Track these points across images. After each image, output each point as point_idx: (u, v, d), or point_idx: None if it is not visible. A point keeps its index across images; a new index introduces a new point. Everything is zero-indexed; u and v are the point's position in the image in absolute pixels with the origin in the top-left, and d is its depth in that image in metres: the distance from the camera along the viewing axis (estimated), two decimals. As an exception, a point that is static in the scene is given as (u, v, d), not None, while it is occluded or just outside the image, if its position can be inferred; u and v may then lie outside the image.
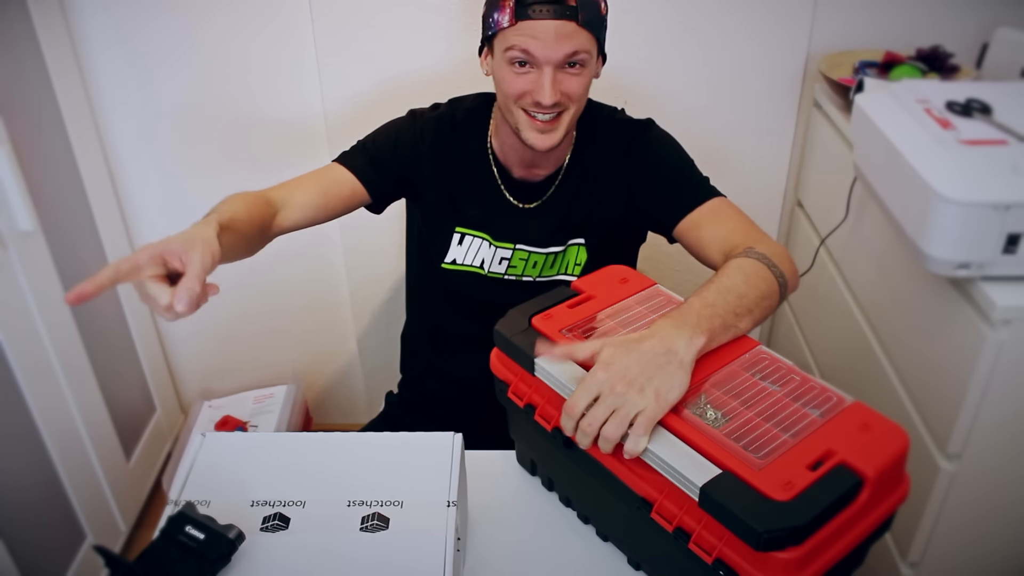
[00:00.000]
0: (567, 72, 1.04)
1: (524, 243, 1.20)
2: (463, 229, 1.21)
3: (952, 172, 0.91)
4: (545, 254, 1.20)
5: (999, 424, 0.99)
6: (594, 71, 1.10)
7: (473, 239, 1.20)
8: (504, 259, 1.20)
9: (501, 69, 1.07)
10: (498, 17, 1.03)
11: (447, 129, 1.19)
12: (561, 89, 1.04)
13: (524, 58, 1.03)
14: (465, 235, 1.21)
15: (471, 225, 1.20)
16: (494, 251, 1.20)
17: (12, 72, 1.42)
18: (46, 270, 1.47)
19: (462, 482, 0.79)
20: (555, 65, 1.03)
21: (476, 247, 1.21)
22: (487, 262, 1.21)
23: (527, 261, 1.20)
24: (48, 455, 1.45)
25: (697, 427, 0.69)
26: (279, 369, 1.95)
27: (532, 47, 1.01)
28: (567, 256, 1.20)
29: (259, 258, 1.85)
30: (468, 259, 1.21)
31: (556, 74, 1.03)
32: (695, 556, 0.66)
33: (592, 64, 1.08)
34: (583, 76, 1.06)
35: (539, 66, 1.03)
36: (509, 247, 1.20)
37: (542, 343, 0.81)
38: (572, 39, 1.02)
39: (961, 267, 0.94)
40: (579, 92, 1.07)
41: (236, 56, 1.61)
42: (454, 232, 1.21)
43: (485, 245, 1.20)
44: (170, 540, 0.68)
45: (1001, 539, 1.09)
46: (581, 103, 1.09)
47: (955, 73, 1.40)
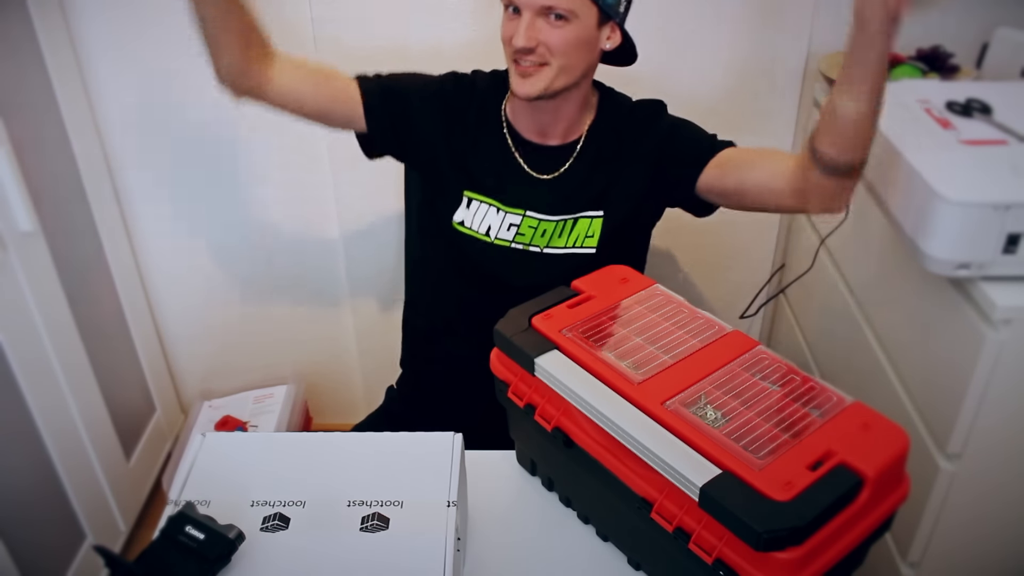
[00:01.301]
0: (549, 22, 1.05)
1: (534, 210, 1.19)
2: (472, 193, 1.20)
3: (952, 172, 0.91)
4: (555, 222, 1.19)
5: (999, 424, 0.99)
6: (590, 36, 1.09)
7: (480, 204, 1.20)
8: (513, 225, 1.19)
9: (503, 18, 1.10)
10: None
11: (467, 91, 1.21)
12: (540, 38, 1.05)
13: (511, 5, 1.06)
14: (473, 200, 1.20)
15: (481, 191, 1.20)
16: (502, 217, 1.19)
17: (12, 73, 1.42)
18: (46, 270, 1.47)
19: (462, 482, 0.79)
20: (534, 11, 1.04)
21: (483, 213, 1.20)
22: (494, 229, 1.20)
23: (536, 229, 1.19)
24: (48, 455, 1.45)
25: (697, 427, 0.69)
26: (279, 369, 1.95)
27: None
28: (577, 228, 1.19)
29: (259, 258, 1.86)
30: (475, 224, 1.20)
31: (535, 20, 1.05)
32: (695, 556, 0.66)
33: (583, 26, 1.07)
34: (565, 31, 1.06)
35: (521, 11, 1.05)
36: (519, 213, 1.19)
37: None
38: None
39: (961, 267, 0.94)
40: (559, 45, 1.06)
41: (236, 56, 1.61)
42: (463, 195, 1.20)
43: (493, 211, 1.19)
44: (170, 540, 0.68)
45: (1001, 539, 1.09)
46: (566, 61, 1.08)
47: (955, 73, 1.40)
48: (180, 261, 1.85)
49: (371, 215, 1.74)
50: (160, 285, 1.88)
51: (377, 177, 1.70)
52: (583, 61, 1.11)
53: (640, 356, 0.79)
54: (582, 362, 0.78)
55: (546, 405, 0.81)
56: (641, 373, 0.76)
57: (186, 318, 1.93)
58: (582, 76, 1.12)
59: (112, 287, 1.74)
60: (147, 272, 1.86)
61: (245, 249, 1.83)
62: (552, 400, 0.80)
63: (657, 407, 0.72)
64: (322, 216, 1.78)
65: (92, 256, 1.67)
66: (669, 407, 0.72)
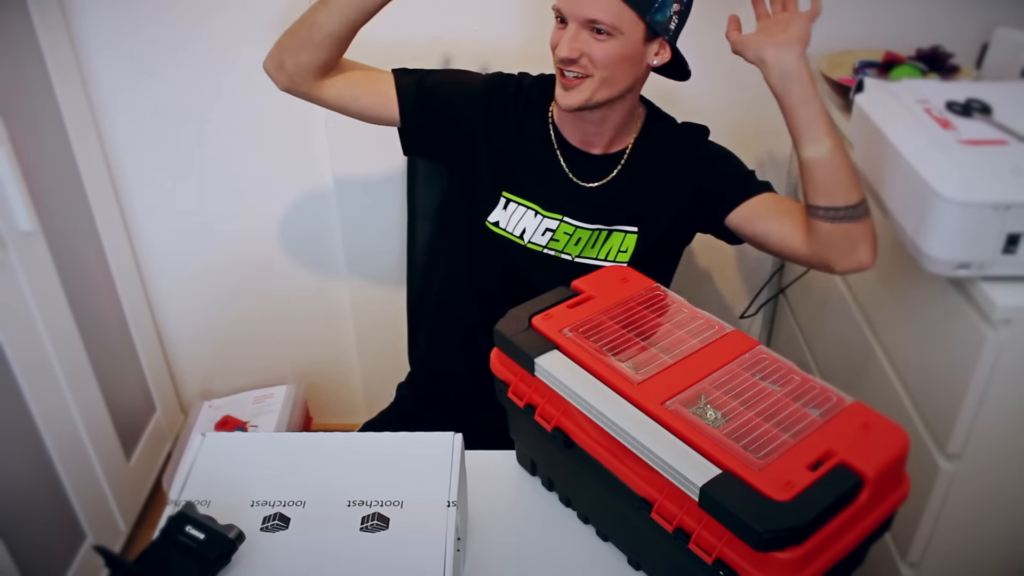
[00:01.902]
0: (593, 36, 1.05)
1: (572, 217, 1.19)
2: (510, 195, 1.19)
3: (952, 172, 0.91)
4: (590, 231, 1.19)
5: (999, 424, 0.99)
6: (635, 51, 1.08)
7: (518, 207, 1.19)
8: (549, 230, 1.19)
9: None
10: None
11: (512, 92, 1.21)
12: (583, 50, 1.06)
13: (559, 15, 1.07)
14: (511, 201, 1.19)
15: (520, 192, 1.19)
16: (540, 221, 1.19)
17: (12, 72, 1.42)
18: (46, 270, 1.47)
19: (462, 482, 0.79)
20: (580, 23, 1.05)
21: (520, 215, 1.19)
22: (528, 232, 1.19)
23: (571, 237, 1.19)
24: (48, 455, 1.45)
25: (697, 427, 0.69)
26: (279, 369, 1.95)
27: (564, 3, 1.06)
28: (611, 241, 1.19)
29: (259, 258, 1.86)
30: (510, 226, 1.20)
31: (580, 32, 1.05)
32: (695, 556, 0.66)
33: (628, 41, 1.07)
34: (608, 45, 1.06)
35: (567, 18, 1.06)
36: (557, 218, 1.19)
37: None
38: (597, 4, 1.03)
39: (961, 267, 0.94)
40: (601, 59, 1.06)
41: (236, 56, 1.61)
42: (501, 196, 1.19)
43: (530, 215, 1.19)
44: (170, 540, 0.68)
45: (1001, 539, 1.09)
46: (609, 75, 1.08)
47: (955, 73, 1.40)
48: (180, 261, 1.85)
49: (372, 215, 1.74)
50: (160, 285, 1.88)
51: (378, 177, 1.70)
52: (628, 75, 1.10)
53: (640, 356, 0.79)
54: (582, 362, 0.78)
55: (546, 405, 0.81)
56: (641, 373, 0.76)
57: (186, 318, 1.93)
58: (627, 90, 1.12)
59: (112, 287, 1.74)
60: (147, 272, 1.86)
61: (245, 249, 1.83)
62: (552, 400, 0.80)
63: (657, 407, 0.72)
64: (322, 216, 1.78)
65: (92, 256, 1.67)
66: (669, 407, 0.72)
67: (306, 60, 1.11)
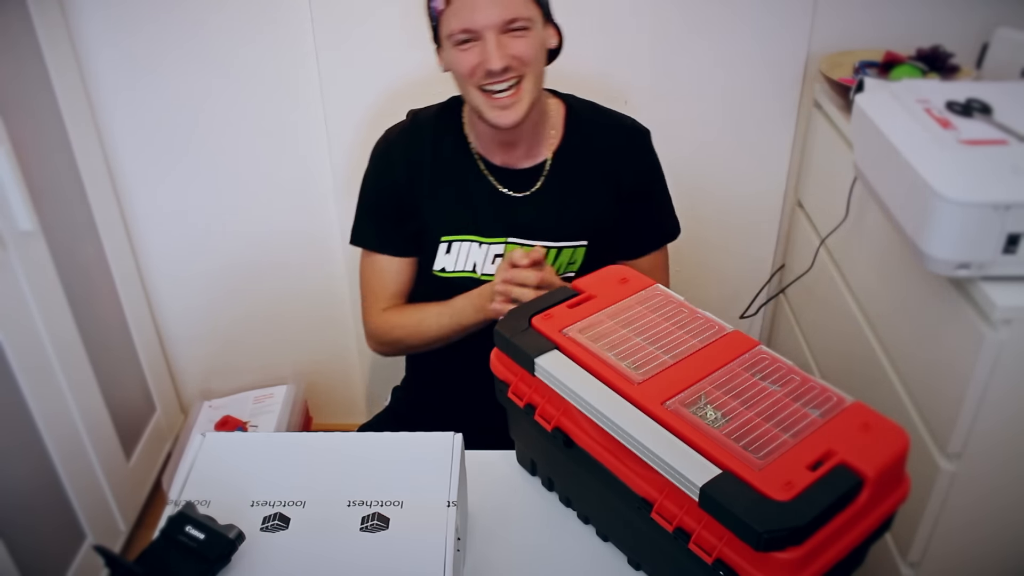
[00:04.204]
0: (512, 35, 1.04)
1: (515, 235, 1.18)
2: (449, 237, 1.19)
3: (952, 172, 0.91)
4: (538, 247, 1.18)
5: (999, 424, 0.99)
6: (543, 39, 1.09)
7: (461, 244, 1.19)
8: (497, 256, 1.19)
9: (452, 56, 1.07)
10: (435, 4, 1.06)
11: (415, 139, 1.19)
12: (510, 53, 1.04)
13: (467, 35, 1.04)
14: (452, 242, 1.19)
15: (457, 230, 1.19)
16: (485, 250, 1.19)
17: (12, 72, 1.42)
18: (46, 270, 1.47)
19: (462, 482, 0.79)
20: (497, 30, 1.03)
21: (465, 251, 1.19)
22: (479, 264, 1.19)
23: None
24: (48, 455, 1.45)
25: (697, 427, 0.69)
26: (279, 369, 1.95)
27: (469, 20, 1.02)
28: (561, 258, 1.19)
29: (259, 258, 1.86)
30: (459, 265, 1.20)
31: (500, 38, 1.03)
32: (695, 556, 0.66)
33: (538, 30, 1.07)
34: (529, 38, 1.05)
35: (482, 36, 1.03)
36: (500, 241, 1.18)
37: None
38: (507, 3, 1.02)
39: (961, 267, 0.94)
40: (529, 55, 1.06)
41: (236, 56, 1.61)
42: (440, 242, 1.19)
43: (475, 247, 1.19)
44: (170, 540, 0.68)
45: (1001, 539, 1.09)
46: (536, 69, 1.08)
47: (955, 73, 1.40)
48: (180, 261, 1.85)
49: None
50: (160, 285, 1.88)
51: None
52: (543, 66, 1.11)
53: (640, 356, 0.79)
54: (582, 362, 0.78)
55: (546, 405, 0.81)
56: (641, 373, 0.76)
57: (186, 318, 1.93)
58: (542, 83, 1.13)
59: (112, 287, 1.74)
60: (147, 272, 1.86)
61: (245, 249, 1.83)
62: (552, 400, 0.80)
63: (657, 407, 0.72)
64: (322, 216, 1.78)
65: (92, 256, 1.67)
66: (669, 407, 0.72)
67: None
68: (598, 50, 1.59)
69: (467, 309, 1.15)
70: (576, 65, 1.61)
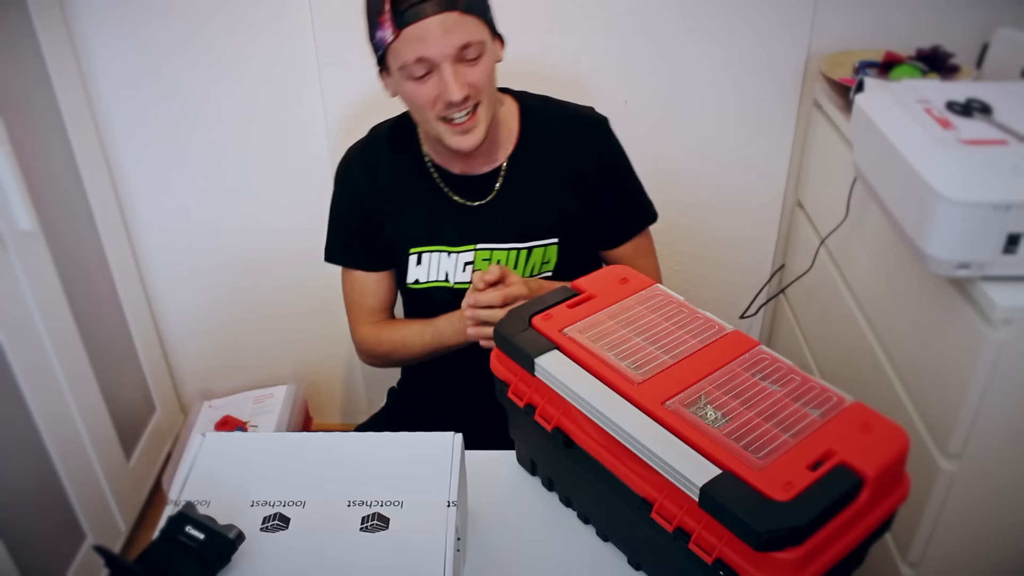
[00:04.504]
0: (466, 64, 1.03)
1: (483, 241, 1.18)
2: (417, 249, 1.19)
3: (952, 172, 0.91)
4: (507, 250, 1.18)
5: (999, 424, 0.99)
6: (494, 55, 1.08)
7: (431, 255, 1.19)
8: (468, 263, 1.18)
9: (404, 86, 1.05)
10: (381, 35, 1.01)
11: (373, 155, 1.19)
12: (467, 81, 1.03)
13: (421, 68, 1.01)
14: (422, 254, 1.19)
15: (424, 242, 1.19)
16: (455, 259, 1.18)
17: (12, 72, 1.42)
18: (46, 270, 1.47)
19: (462, 482, 0.79)
20: (452, 60, 1.01)
21: (436, 261, 1.19)
22: (451, 272, 1.19)
23: (490, 260, 1.18)
24: (48, 455, 1.45)
25: (697, 427, 0.69)
26: (279, 369, 1.95)
27: (423, 50, 0.99)
28: (533, 257, 1.18)
29: (259, 258, 1.86)
30: (431, 275, 1.20)
31: (456, 67, 1.01)
32: (695, 556, 0.66)
33: (490, 49, 1.06)
34: (483, 63, 1.04)
35: (437, 66, 1.01)
36: (469, 249, 1.18)
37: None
38: (459, 29, 1.00)
39: (961, 267, 0.94)
40: (484, 81, 1.05)
41: (236, 56, 1.61)
42: (409, 254, 1.20)
43: (444, 256, 1.19)
44: (170, 540, 0.68)
45: (1001, 539, 1.09)
46: (491, 91, 1.08)
47: (955, 73, 1.40)
48: (180, 261, 1.85)
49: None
50: (160, 285, 1.88)
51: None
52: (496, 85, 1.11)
53: (640, 356, 0.79)
54: (582, 362, 0.78)
55: (546, 405, 0.81)
56: (641, 373, 0.76)
57: (186, 318, 1.93)
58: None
59: (112, 287, 1.74)
60: (147, 272, 1.86)
61: (245, 249, 1.83)
62: (552, 400, 0.80)
63: (657, 407, 0.72)
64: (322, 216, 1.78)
65: (92, 256, 1.67)
66: (669, 407, 0.72)
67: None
68: (598, 50, 1.59)
69: (447, 331, 1.16)
70: (576, 65, 1.61)
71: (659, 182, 1.70)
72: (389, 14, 0.99)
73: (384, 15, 0.99)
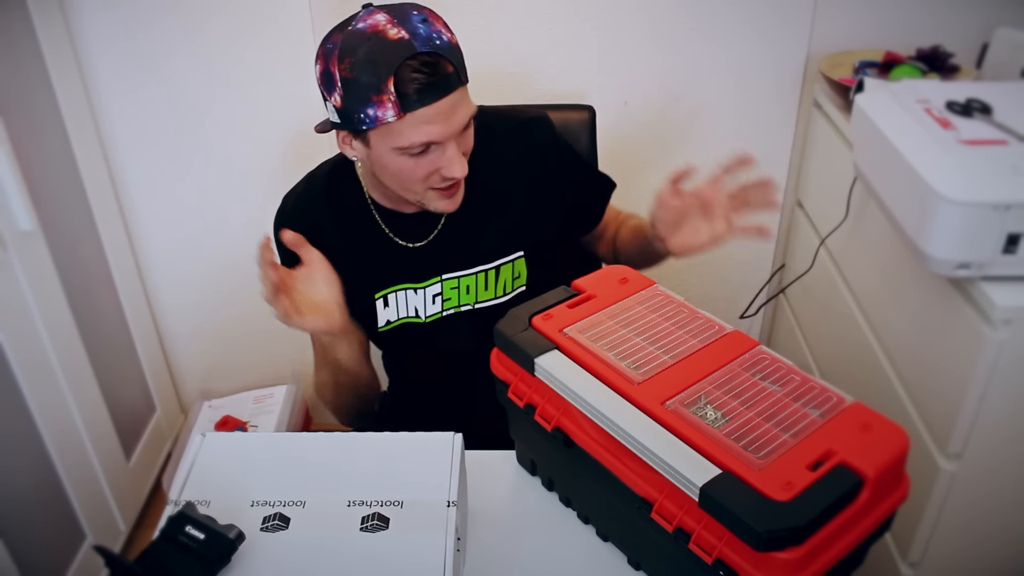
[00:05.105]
0: (463, 133, 0.98)
1: (448, 271, 1.11)
2: (383, 291, 1.12)
3: (952, 172, 0.91)
4: (473, 274, 1.12)
5: (999, 424, 0.99)
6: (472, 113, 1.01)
7: (396, 294, 1.12)
8: (436, 295, 1.12)
9: (390, 159, 0.96)
10: (375, 113, 0.91)
11: (311, 205, 1.11)
12: (463, 151, 0.98)
13: (430, 144, 0.94)
14: (388, 294, 1.12)
15: (387, 283, 1.12)
16: (423, 294, 1.11)
17: (12, 72, 1.42)
18: (46, 270, 1.47)
19: (462, 482, 0.79)
20: (455, 136, 0.96)
21: (403, 299, 1.12)
22: (420, 308, 1.12)
23: (459, 288, 1.12)
24: (48, 455, 1.45)
25: (697, 427, 0.69)
26: (279, 369, 1.95)
27: (432, 134, 0.93)
28: (503, 275, 1.13)
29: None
30: (400, 314, 1.13)
31: (458, 142, 0.97)
32: (695, 556, 0.66)
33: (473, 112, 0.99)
34: (471, 128, 1.00)
35: (439, 144, 0.95)
36: (435, 281, 1.11)
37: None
38: (463, 105, 0.95)
39: (961, 267, 0.94)
40: (471, 144, 1.01)
41: (236, 57, 1.61)
42: (375, 299, 1.12)
43: (411, 292, 1.11)
44: (170, 540, 0.68)
45: (1001, 539, 1.09)
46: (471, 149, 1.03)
47: (955, 73, 1.40)
48: (180, 261, 1.85)
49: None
50: (160, 285, 1.88)
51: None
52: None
53: (640, 356, 0.79)
54: (582, 362, 0.78)
55: (546, 405, 0.81)
56: (641, 373, 0.76)
57: (186, 318, 1.93)
58: None
59: (112, 287, 1.74)
60: (147, 272, 1.86)
61: (245, 249, 1.82)
62: (552, 400, 0.80)
63: (657, 407, 0.72)
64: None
65: (92, 256, 1.67)
66: (669, 407, 0.72)
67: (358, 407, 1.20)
68: (598, 50, 1.59)
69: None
70: (576, 65, 1.61)
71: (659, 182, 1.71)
72: (392, 95, 0.90)
73: (384, 94, 0.90)
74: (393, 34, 0.90)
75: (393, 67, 0.89)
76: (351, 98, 0.92)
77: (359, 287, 1.11)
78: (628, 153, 1.67)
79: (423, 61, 0.90)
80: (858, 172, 1.18)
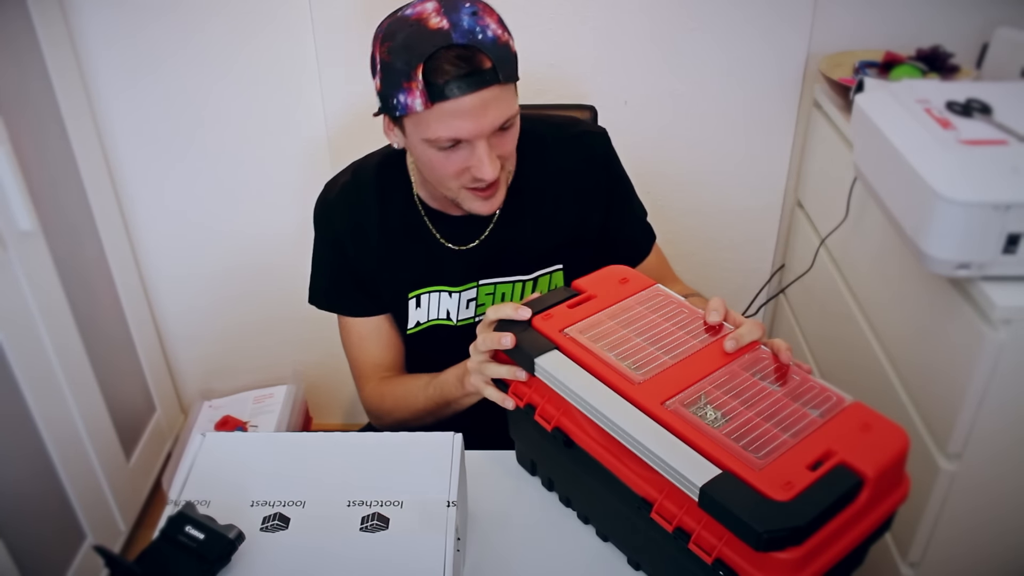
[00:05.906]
0: (498, 135, 0.93)
1: (486, 276, 1.10)
2: (417, 291, 1.10)
3: (952, 172, 0.91)
4: (511, 283, 1.11)
5: (999, 424, 0.99)
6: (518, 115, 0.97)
7: (431, 295, 1.10)
8: (471, 300, 1.11)
9: (421, 150, 0.94)
10: (406, 100, 0.89)
11: (356, 201, 1.09)
12: (498, 153, 0.94)
13: (450, 142, 0.91)
14: (421, 295, 1.10)
15: (423, 283, 1.10)
16: (457, 298, 1.10)
17: (12, 72, 1.42)
18: (46, 270, 1.47)
19: (462, 482, 0.79)
20: (488, 135, 0.91)
21: (436, 301, 1.10)
22: (453, 311, 1.11)
23: (494, 295, 1.11)
24: (48, 455, 1.45)
25: (697, 427, 0.69)
26: (279, 369, 1.95)
27: (459, 130, 0.89)
28: (540, 286, 1.12)
29: (259, 258, 1.86)
30: (431, 316, 1.11)
31: (490, 142, 0.92)
32: (695, 556, 0.66)
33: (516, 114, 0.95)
34: (512, 131, 0.95)
35: (470, 142, 0.92)
36: (472, 286, 1.10)
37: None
38: (500, 104, 0.90)
39: (961, 267, 0.94)
40: (511, 147, 0.97)
41: (236, 56, 1.61)
42: (408, 299, 1.11)
43: (445, 296, 1.10)
44: (170, 540, 0.68)
45: (1001, 539, 1.09)
46: (514, 154, 1.00)
47: (955, 73, 1.40)
48: (180, 261, 1.85)
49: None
50: (160, 285, 1.88)
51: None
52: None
53: (640, 356, 0.79)
54: (582, 362, 0.78)
55: (546, 405, 0.81)
56: (641, 373, 0.76)
57: (186, 318, 1.93)
58: None
59: (112, 287, 1.74)
60: (147, 272, 1.86)
61: (245, 249, 1.83)
62: (552, 400, 0.80)
63: (657, 407, 0.72)
64: (322, 216, 1.78)
65: (92, 256, 1.67)
66: (669, 407, 0.72)
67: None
68: (598, 50, 1.59)
69: (450, 378, 1.02)
70: (576, 65, 1.61)
71: (659, 182, 1.71)
72: (420, 83, 0.87)
73: (413, 82, 0.87)
74: (435, 23, 0.88)
75: (425, 55, 0.87)
76: (387, 82, 0.91)
77: (395, 285, 1.10)
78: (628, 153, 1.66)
79: (458, 53, 0.87)
80: (858, 172, 1.18)
